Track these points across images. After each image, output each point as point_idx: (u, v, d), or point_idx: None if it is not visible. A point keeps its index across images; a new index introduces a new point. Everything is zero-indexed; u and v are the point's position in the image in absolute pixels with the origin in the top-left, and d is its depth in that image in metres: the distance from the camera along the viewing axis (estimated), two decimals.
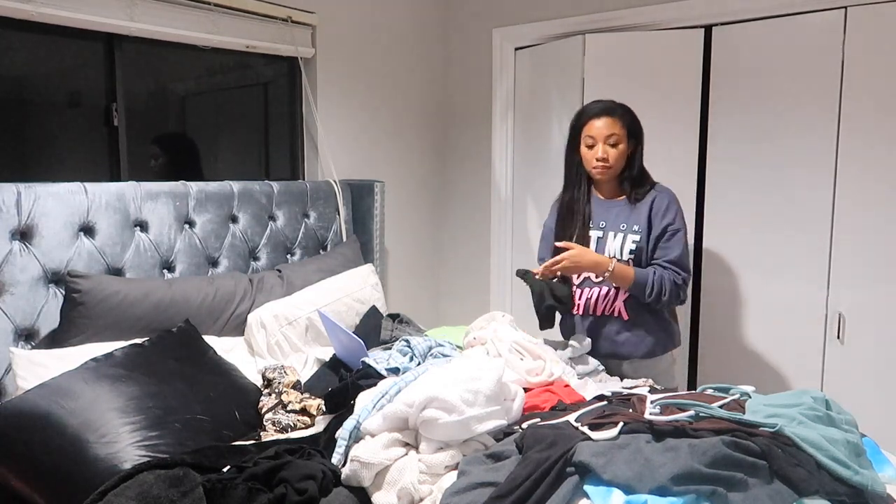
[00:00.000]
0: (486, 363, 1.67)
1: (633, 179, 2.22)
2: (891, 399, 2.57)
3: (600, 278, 2.20)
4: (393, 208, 3.37)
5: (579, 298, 2.28)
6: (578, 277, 2.28)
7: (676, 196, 2.25)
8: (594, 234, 2.24)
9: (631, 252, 2.17)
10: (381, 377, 1.81)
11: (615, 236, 2.20)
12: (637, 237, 2.18)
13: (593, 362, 2.22)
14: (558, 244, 2.20)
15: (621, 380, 2.16)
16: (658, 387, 2.07)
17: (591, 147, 2.19)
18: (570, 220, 2.27)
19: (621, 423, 1.44)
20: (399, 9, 3.41)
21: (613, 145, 2.16)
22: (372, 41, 3.27)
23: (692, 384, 3.00)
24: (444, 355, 2.00)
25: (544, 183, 3.33)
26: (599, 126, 2.17)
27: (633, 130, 2.20)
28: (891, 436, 2.48)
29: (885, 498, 1.31)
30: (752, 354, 2.86)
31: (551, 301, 2.17)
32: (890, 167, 2.51)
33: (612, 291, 2.22)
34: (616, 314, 2.23)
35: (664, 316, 2.28)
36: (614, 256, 2.18)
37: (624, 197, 2.24)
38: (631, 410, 1.59)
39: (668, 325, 2.28)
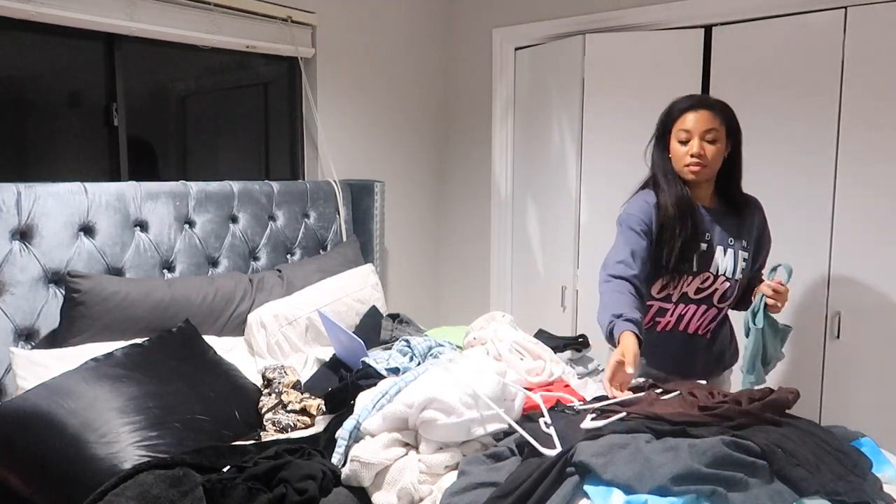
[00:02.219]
0: (487, 365, 1.67)
1: (732, 186, 1.99)
2: (890, 398, 2.57)
3: (699, 297, 1.96)
4: (393, 208, 3.37)
5: (671, 315, 2.00)
6: (676, 300, 1.99)
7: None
8: (700, 245, 1.94)
9: (742, 271, 1.95)
10: (381, 377, 1.81)
11: (725, 252, 1.94)
12: (746, 254, 1.97)
13: (594, 362, 2.22)
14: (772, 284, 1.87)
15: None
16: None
17: (684, 143, 1.91)
18: (682, 225, 1.91)
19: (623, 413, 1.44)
20: (399, 9, 3.41)
21: (711, 141, 1.90)
22: (372, 41, 3.27)
23: None
24: (444, 355, 2.00)
25: (544, 183, 3.33)
26: (696, 119, 1.90)
27: (732, 128, 1.95)
28: (890, 435, 2.48)
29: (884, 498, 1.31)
30: None
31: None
32: (889, 167, 2.51)
33: (712, 311, 2.00)
34: (703, 333, 2.03)
35: (731, 327, 2.14)
36: (723, 274, 1.94)
37: (719, 206, 2.00)
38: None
39: (733, 343, 2.15)
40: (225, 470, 1.50)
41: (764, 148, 2.78)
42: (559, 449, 1.41)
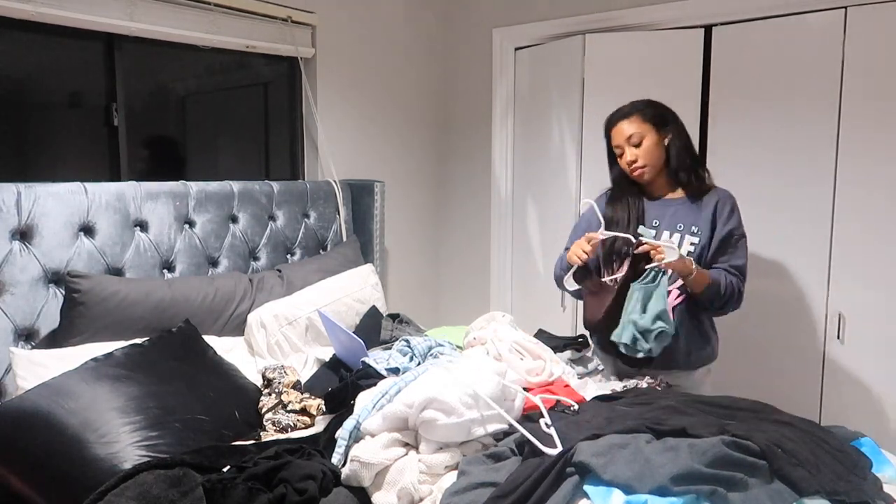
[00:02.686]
0: (487, 365, 1.67)
1: (681, 170, 2.09)
2: (891, 399, 2.57)
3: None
4: (393, 208, 3.37)
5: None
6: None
7: (733, 197, 2.15)
8: (645, 231, 2.08)
9: (689, 254, 2.03)
10: (381, 377, 1.81)
11: (671, 236, 2.08)
12: (696, 239, 2.05)
13: (594, 362, 2.22)
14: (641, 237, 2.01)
15: (620, 379, 2.15)
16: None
17: (620, 155, 2.12)
18: (619, 217, 2.12)
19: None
20: (399, 9, 3.41)
21: (637, 144, 2.07)
22: (372, 41, 3.27)
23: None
24: (444, 355, 2.00)
25: (544, 183, 3.33)
26: (619, 131, 2.10)
27: (660, 120, 2.09)
28: (891, 436, 2.49)
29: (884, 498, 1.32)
30: (752, 354, 2.86)
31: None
32: (890, 167, 2.51)
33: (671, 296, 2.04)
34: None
35: (706, 326, 2.15)
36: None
37: (682, 195, 2.12)
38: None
39: (709, 338, 2.16)
40: (225, 470, 1.50)
41: (764, 148, 2.78)
42: (560, 448, 1.41)
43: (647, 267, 1.98)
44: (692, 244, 2.05)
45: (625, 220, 2.11)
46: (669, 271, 1.98)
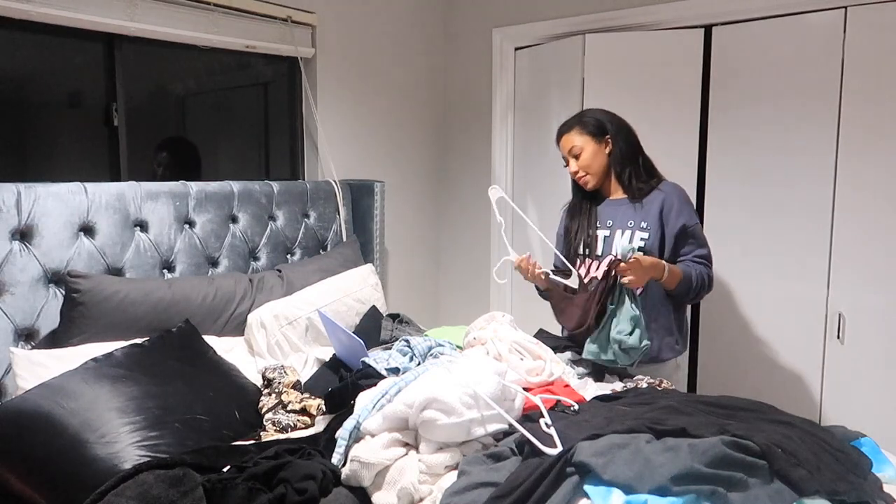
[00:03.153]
0: (488, 366, 1.67)
1: (623, 175, 2.24)
2: (891, 399, 2.57)
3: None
4: (393, 208, 3.37)
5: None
6: (588, 282, 2.22)
7: (684, 190, 2.26)
8: (601, 233, 2.27)
9: (639, 249, 2.16)
10: (382, 377, 1.81)
11: (623, 233, 2.22)
12: (645, 234, 2.18)
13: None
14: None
15: (621, 379, 2.15)
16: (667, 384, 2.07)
17: (566, 166, 2.30)
18: (576, 222, 2.33)
19: None
20: (399, 9, 3.41)
21: (577, 156, 2.24)
22: (372, 41, 3.27)
23: (692, 384, 3.00)
24: (444, 355, 2.00)
25: (544, 183, 3.33)
26: (562, 145, 2.29)
27: (597, 130, 2.23)
28: (891, 436, 2.49)
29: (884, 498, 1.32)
30: (751, 354, 2.86)
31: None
32: (890, 167, 2.51)
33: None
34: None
35: (674, 318, 2.24)
36: (617, 253, 2.13)
37: (631, 194, 2.25)
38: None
39: (676, 329, 2.25)
40: (225, 470, 1.50)
41: (763, 148, 2.78)
42: (560, 448, 1.41)
43: (621, 281, 2.03)
44: (642, 239, 2.19)
45: (583, 224, 2.31)
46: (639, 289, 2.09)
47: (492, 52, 3.49)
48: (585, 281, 2.25)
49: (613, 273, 2.04)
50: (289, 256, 2.77)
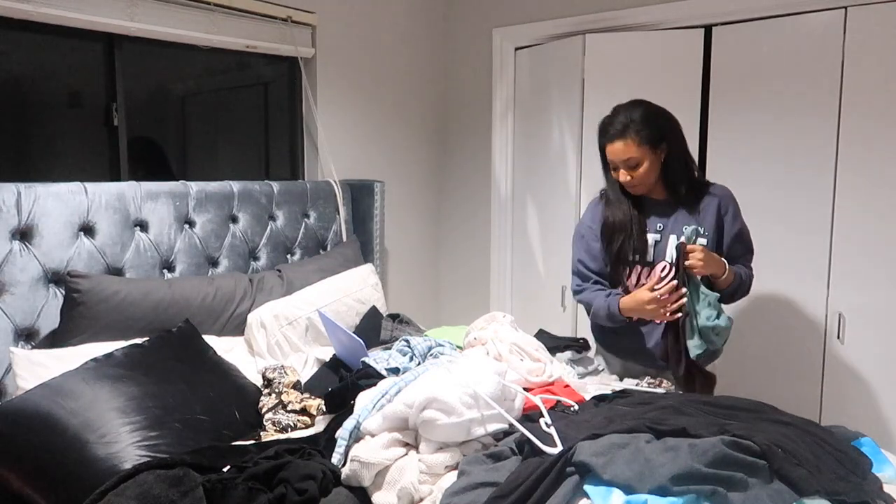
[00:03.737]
0: (488, 365, 1.67)
1: (679, 182, 2.09)
2: (891, 399, 2.57)
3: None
4: (393, 208, 3.37)
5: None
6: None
7: (732, 192, 2.17)
8: (651, 237, 2.09)
9: None
10: (381, 377, 1.81)
11: (678, 238, 2.05)
12: (703, 240, 2.04)
13: (594, 363, 2.22)
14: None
15: (620, 380, 2.15)
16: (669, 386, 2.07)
17: (615, 169, 2.08)
18: (622, 226, 2.10)
19: None
20: (399, 9, 3.41)
21: (634, 167, 2.03)
22: (372, 41, 3.27)
23: (692, 384, 2.99)
24: (444, 355, 2.00)
25: (544, 183, 3.33)
26: (615, 151, 2.04)
27: (656, 138, 2.03)
28: (891, 436, 2.49)
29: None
30: (751, 354, 2.86)
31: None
32: (890, 167, 2.51)
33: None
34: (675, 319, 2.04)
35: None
36: (682, 238, 2.04)
37: (681, 197, 2.11)
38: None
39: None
40: (225, 470, 1.50)
41: (763, 148, 2.78)
42: (560, 447, 1.41)
43: (691, 271, 1.97)
44: (702, 245, 2.02)
45: (627, 224, 2.09)
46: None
47: (492, 52, 3.49)
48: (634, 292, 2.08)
49: (680, 258, 1.96)
50: (289, 256, 2.77)
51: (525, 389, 1.74)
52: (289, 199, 2.75)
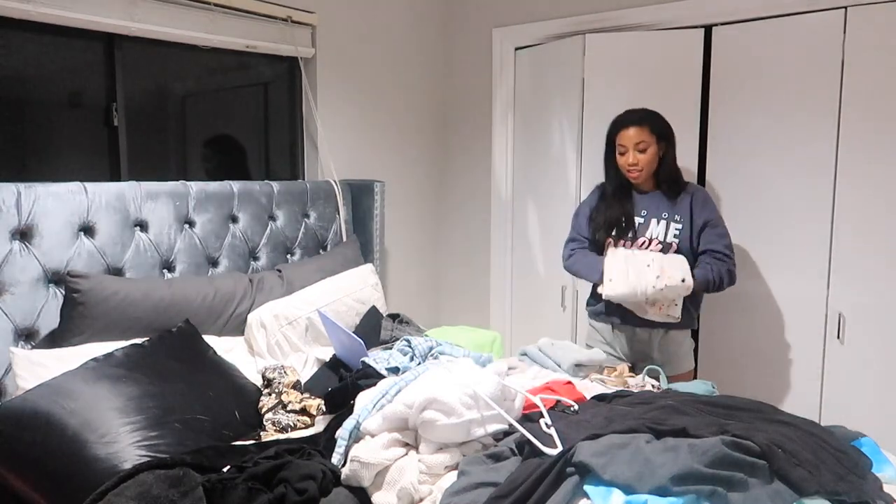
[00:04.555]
0: (488, 366, 1.67)
1: (668, 177, 2.44)
2: (891, 399, 2.57)
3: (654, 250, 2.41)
4: (393, 208, 3.37)
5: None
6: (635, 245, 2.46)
7: (706, 191, 2.50)
8: (637, 219, 2.45)
9: (675, 236, 2.40)
10: (381, 377, 1.81)
11: (658, 222, 2.42)
12: (679, 226, 2.40)
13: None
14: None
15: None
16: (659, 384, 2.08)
17: (623, 154, 2.42)
18: (614, 207, 2.46)
19: None
20: (399, 9, 3.41)
21: (643, 151, 2.38)
22: (372, 41, 3.27)
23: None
24: (445, 355, 2.00)
25: (544, 183, 3.33)
26: (629, 135, 2.39)
27: (662, 134, 2.41)
28: (891, 436, 2.49)
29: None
30: (751, 354, 2.86)
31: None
32: (890, 167, 2.51)
33: None
34: None
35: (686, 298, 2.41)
36: (656, 238, 2.40)
37: (665, 191, 2.45)
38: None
39: (690, 304, 2.44)
40: (225, 470, 1.50)
41: (764, 147, 2.78)
42: (560, 448, 1.41)
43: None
44: (677, 229, 2.40)
45: (623, 208, 2.46)
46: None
47: (492, 52, 3.49)
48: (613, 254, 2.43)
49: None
50: (289, 256, 2.77)
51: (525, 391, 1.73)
52: (289, 199, 2.75)
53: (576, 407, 1.71)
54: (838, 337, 2.66)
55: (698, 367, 3.02)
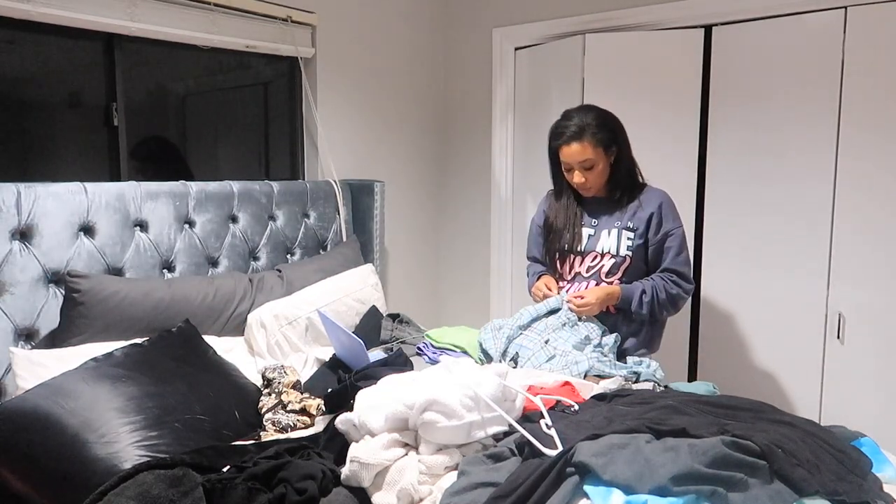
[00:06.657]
0: (489, 366, 1.67)
1: (623, 183, 2.25)
2: (891, 399, 2.57)
3: (589, 274, 2.27)
4: (393, 208, 3.37)
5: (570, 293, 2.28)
6: (571, 279, 2.33)
7: (670, 196, 2.28)
8: (586, 231, 2.28)
9: (628, 248, 2.21)
10: (379, 377, 1.81)
11: (609, 233, 2.24)
12: (631, 234, 2.21)
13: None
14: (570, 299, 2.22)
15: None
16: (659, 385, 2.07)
17: (568, 171, 2.23)
18: (561, 217, 2.31)
19: None
20: (399, 9, 3.41)
21: (589, 168, 2.18)
22: (372, 41, 3.27)
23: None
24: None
25: (544, 183, 3.33)
26: (572, 152, 2.17)
27: (608, 142, 2.18)
28: (891, 436, 2.49)
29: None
30: (751, 354, 2.86)
31: None
32: (890, 167, 2.51)
33: (603, 286, 2.25)
34: (607, 309, 2.25)
35: (648, 319, 2.26)
36: (608, 252, 2.23)
37: (619, 196, 2.27)
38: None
39: (649, 329, 2.27)
40: (225, 470, 1.50)
41: (763, 148, 2.78)
42: (560, 448, 1.41)
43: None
44: (629, 238, 2.21)
45: (568, 221, 2.29)
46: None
47: (492, 52, 3.49)
48: (568, 278, 2.32)
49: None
50: (289, 256, 2.77)
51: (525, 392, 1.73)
52: (289, 199, 2.75)
53: (576, 407, 1.71)
54: (838, 337, 2.66)
55: (698, 366, 3.02)
